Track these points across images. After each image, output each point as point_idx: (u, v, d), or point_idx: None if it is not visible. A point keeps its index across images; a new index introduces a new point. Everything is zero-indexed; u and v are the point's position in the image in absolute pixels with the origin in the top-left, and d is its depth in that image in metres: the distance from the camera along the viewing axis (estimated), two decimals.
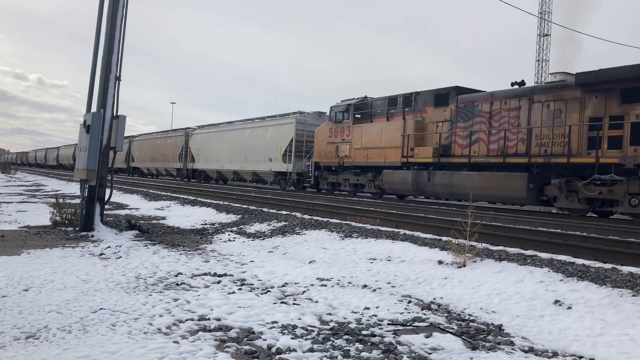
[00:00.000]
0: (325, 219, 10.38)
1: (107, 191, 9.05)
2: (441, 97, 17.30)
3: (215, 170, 32.50)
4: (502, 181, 14.43)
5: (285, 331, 3.92)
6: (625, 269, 5.65)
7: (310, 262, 6.89)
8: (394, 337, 3.90)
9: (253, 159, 27.83)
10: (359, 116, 20.62)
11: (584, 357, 3.70)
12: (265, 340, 3.69)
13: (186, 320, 4.08)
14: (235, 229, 10.24)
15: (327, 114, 23.57)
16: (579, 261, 6.09)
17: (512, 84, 15.49)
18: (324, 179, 22.44)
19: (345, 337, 3.83)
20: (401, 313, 4.57)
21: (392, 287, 5.60)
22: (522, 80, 15.30)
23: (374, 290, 5.42)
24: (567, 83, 13.83)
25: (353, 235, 8.57)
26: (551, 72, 14.95)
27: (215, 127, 34.02)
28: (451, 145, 16.58)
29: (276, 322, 4.11)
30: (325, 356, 3.42)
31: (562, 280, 5.35)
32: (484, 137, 15.65)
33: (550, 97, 14.13)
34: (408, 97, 18.37)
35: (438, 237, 7.91)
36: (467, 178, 15.44)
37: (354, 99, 21.25)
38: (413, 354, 3.54)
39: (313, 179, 22.89)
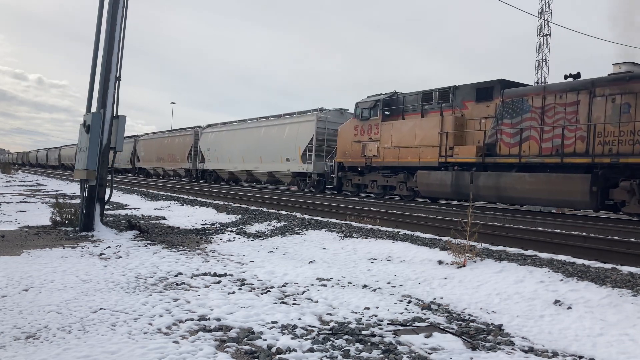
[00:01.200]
0: (325, 219, 10.38)
1: (107, 191, 9.06)
2: (484, 91, 15.75)
3: (227, 171, 31.09)
4: (560, 184, 12.91)
5: (285, 331, 3.92)
6: (625, 269, 5.64)
7: (310, 262, 6.89)
8: (394, 337, 3.90)
9: (269, 159, 26.38)
10: (388, 113, 19.04)
11: (584, 357, 3.70)
12: (265, 340, 3.69)
13: (186, 320, 4.08)
14: (235, 229, 10.24)
15: (349, 111, 22.48)
16: (579, 261, 6.09)
17: (566, 77, 13.97)
18: (348, 180, 20.77)
19: (345, 337, 3.83)
20: (401, 313, 4.57)
21: (392, 287, 5.60)
22: (578, 73, 13.86)
23: (374, 290, 5.42)
24: (636, 74, 12.48)
25: (353, 235, 8.57)
26: (615, 63, 13.20)
27: (226, 125, 32.50)
28: (496, 144, 15.05)
29: (276, 322, 4.11)
30: (325, 356, 3.42)
31: (562, 280, 5.35)
32: (536, 135, 14.06)
33: (616, 90, 12.57)
34: (445, 92, 16.92)
35: (438, 237, 7.91)
36: (517, 180, 13.91)
37: (381, 94, 19.72)
38: (413, 354, 3.54)
39: (336, 180, 21.19)
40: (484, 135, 15.36)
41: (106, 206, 9.73)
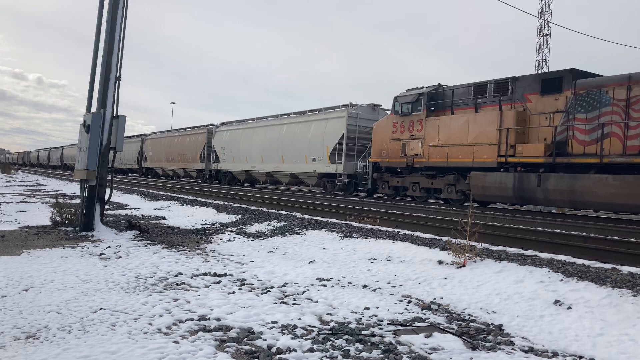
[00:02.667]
0: (325, 219, 10.38)
1: (107, 191, 9.06)
2: (551, 82, 14.17)
3: (243, 172, 29.33)
4: None
5: (285, 331, 3.92)
6: (625, 269, 5.64)
7: (310, 262, 6.89)
8: (394, 337, 3.90)
9: (292, 159, 24.56)
10: (433, 108, 17.41)
11: (584, 357, 3.70)
12: (265, 340, 3.69)
13: (186, 320, 4.08)
14: (235, 229, 10.24)
15: (382, 106, 21.66)
16: (579, 261, 6.09)
17: None
18: (385, 182, 19.06)
19: (345, 337, 3.83)
20: (401, 313, 4.58)
21: (392, 287, 5.60)
22: None
23: (374, 290, 5.42)
24: None
25: (353, 235, 8.57)
26: None
27: (243, 123, 30.75)
28: (567, 142, 13.36)
29: (276, 322, 4.11)
30: (325, 356, 3.42)
31: (562, 280, 5.35)
32: (618, 131, 12.39)
33: None
34: (504, 84, 15.28)
35: (438, 237, 7.91)
36: (597, 183, 12.19)
37: (423, 87, 18.16)
38: (413, 354, 3.54)
39: (370, 182, 19.54)
40: (553, 132, 13.68)
41: (106, 206, 9.73)
